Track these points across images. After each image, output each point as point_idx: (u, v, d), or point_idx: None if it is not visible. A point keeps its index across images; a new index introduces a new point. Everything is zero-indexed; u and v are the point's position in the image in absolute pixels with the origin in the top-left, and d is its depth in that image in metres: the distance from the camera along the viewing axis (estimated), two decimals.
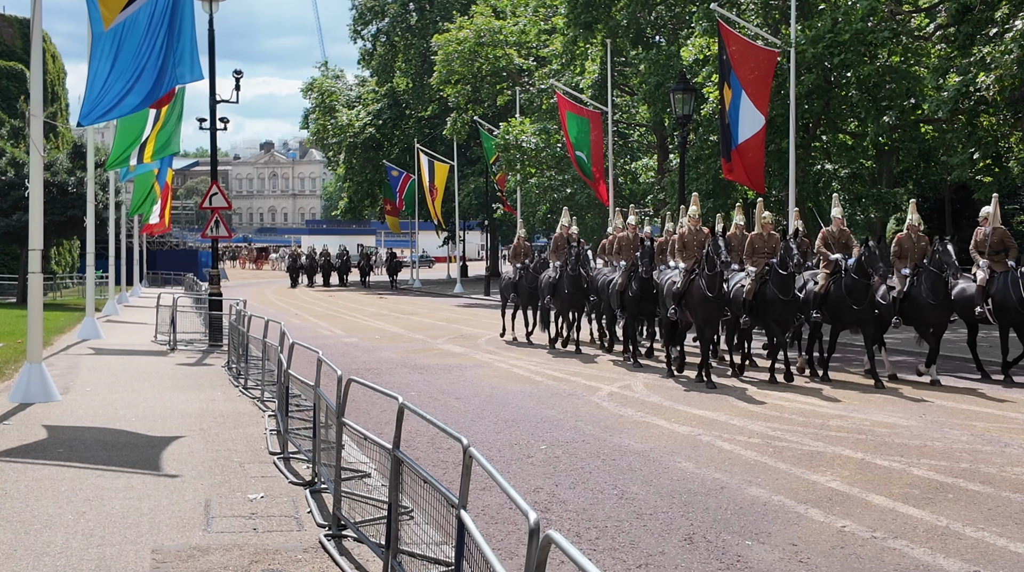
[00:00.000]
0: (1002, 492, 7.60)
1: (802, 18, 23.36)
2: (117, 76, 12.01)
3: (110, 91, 12.02)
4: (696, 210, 15.67)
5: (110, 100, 12.07)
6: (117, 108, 12.40)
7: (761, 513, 7.17)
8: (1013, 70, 18.17)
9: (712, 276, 13.92)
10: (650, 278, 15.77)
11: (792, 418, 11.13)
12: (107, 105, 12.09)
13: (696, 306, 14.29)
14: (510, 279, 20.90)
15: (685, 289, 14.49)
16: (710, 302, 14.08)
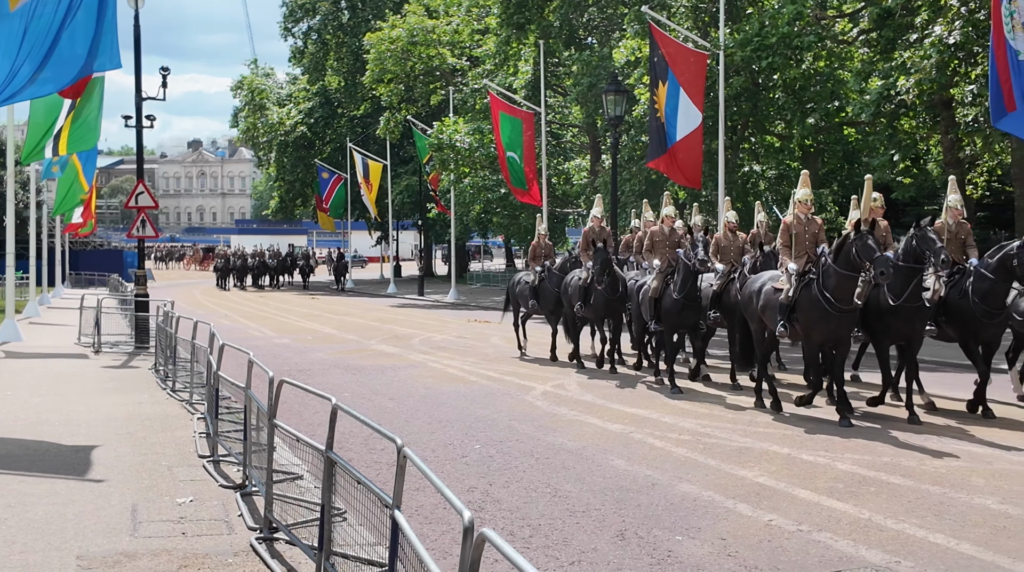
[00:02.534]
0: (922, 485, 7.85)
1: (730, 22, 23.77)
2: (24, 58, 11.64)
3: (18, 73, 11.65)
4: (671, 210, 14.41)
5: (19, 82, 11.69)
6: (26, 90, 12.02)
7: (691, 508, 7.29)
8: (932, 75, 18.76)
9: (685, 278, 13.06)
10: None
11: (721, 415, 11.32)
12: (15, 87, 11.71)
13: (666, 310, 13.35)
14: (526, 283, 17.70)
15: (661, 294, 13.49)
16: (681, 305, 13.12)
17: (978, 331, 11.06)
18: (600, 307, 15.17)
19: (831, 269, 10.51)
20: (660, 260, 13.74)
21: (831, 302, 10.49)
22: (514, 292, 18.30)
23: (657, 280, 13.63)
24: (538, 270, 17.41)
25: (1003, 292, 10.93)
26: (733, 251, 13.92)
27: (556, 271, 17.00)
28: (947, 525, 6.70)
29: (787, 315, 10.98)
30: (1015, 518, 6.84)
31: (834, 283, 10.50)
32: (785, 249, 11.46)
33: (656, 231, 14.30)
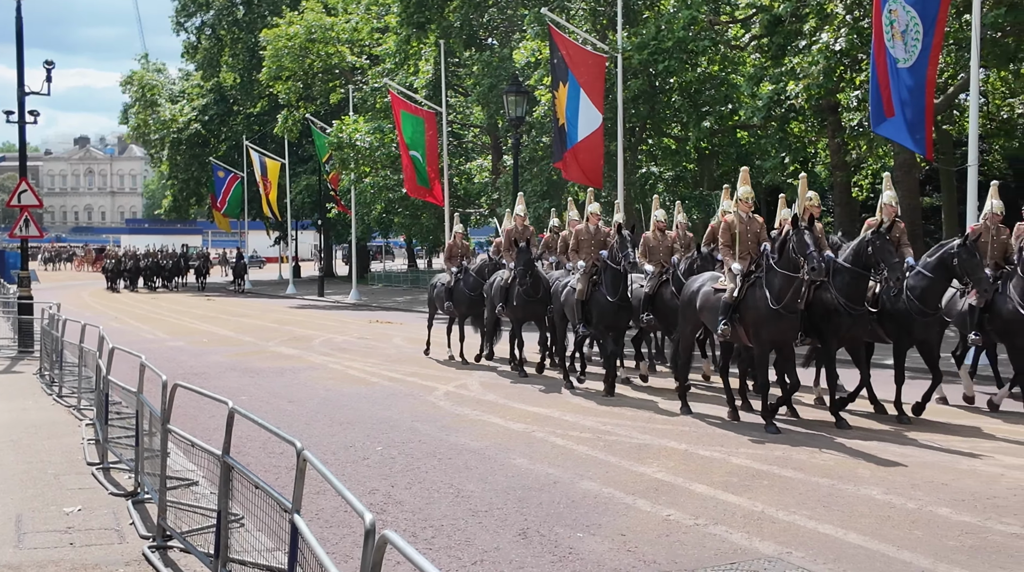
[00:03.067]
0: (811, 477, 8.11)
1: (628, 25, 24.14)
2: None
3: None
4: (596, 208, 13.88)
5: None
6: None
7: (592, 505, 7.38)
8: (819, 80, 19.40)
9: (616, 279, 12.54)
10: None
11: (622, 413, 11.49)
12: None
13: (601, 312, 12.76)
14: (443, 285, 17.16)
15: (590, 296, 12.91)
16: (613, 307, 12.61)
17: (912, 330, 10.81)
18: (521, 308, 14.65)
19: (775, 269, 10.15)
20: (585, 260, 13.18)
21: (777, 302, 10.10)
22: (431, 295, 18.05)
23: (582, 281, 13.03)
24: (454, 271, 16.92)
25: (940, 291, 10.75)
26: (662, 251, 13.46)
27: (473, 273, 16.53)
28: (835, 516, 6.94)
29: (730, 315, 10.57)
30: (898, 508, 7.14)
31: (778, 284, 10.11)
32: (727, 249, 11.08)
33: (581, 230, 13.69)
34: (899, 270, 10.00)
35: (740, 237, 10.95)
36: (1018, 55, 19.77)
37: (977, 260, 10.31)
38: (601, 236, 13.41)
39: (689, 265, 12.76)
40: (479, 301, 16.28)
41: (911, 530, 6.58)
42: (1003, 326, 10.85)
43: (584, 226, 13.71)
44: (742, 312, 10.51)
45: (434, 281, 18.26)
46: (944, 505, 7.15)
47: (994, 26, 17.56)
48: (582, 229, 13.68)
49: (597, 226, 13.64)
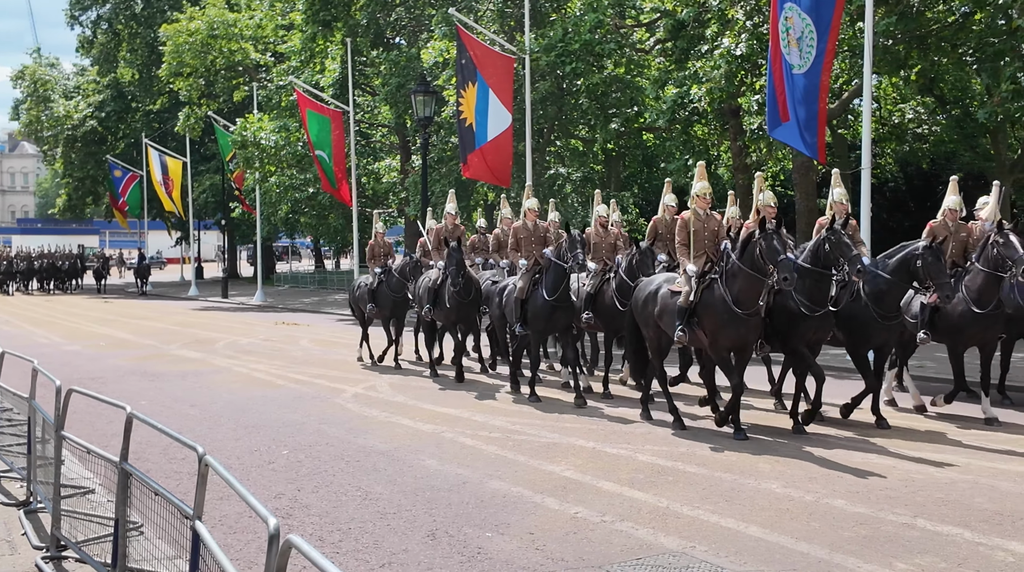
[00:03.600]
0: (714, 472, 8.30)
1: (535, 27, 24.30)
2: None
3: None
4: (535, 203, 13.31)
5: None
6: None
7: (501, 505, 7.41)
8: (721, 84, 19.84)
9: (557, 278, 11.94)
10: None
11: (531, 412, 11.56)
12: None
13: (536, 312, 12.18)
14: (365, 286, 16.67)
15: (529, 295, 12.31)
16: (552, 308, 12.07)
17: (871, 336, 10.35)
18: (452, 310, 14.04)
19: (737, 268, 9.56)
20: (526, 258, 12.64)
21: (737, 305, 9.55)
22: (354, 296, 17.41)
23: (523, 280, 12.42)
24: (377, 271, 16.33)
25: (900, 294, 10.33)
26: (605, 248, 12.92)
27: (396, 274, 15.97)
28: (737, 510, 7.12)
29: (687, 319, 9.98)
30: (797, 500, 7.35)
31: (739, 285, 9.56)
32: (683, 248, 10.46)
33: (520, 227, 13.13)
34: (858, 262, 9.57)
35: (696, 235, 10.39)
36: (908, 62, 20.58)
37: (942, 265, 9.88)
38: (540, 232, 12.98)
39: (629, 263, 12.16)
40: (403, 303, 15.96)
41: (808, 522, 6.79)
42: (949, 324, 10.55)
43: (522, 223, 13.17)
44: (700, 316, 9.90)
45: (356, 281, 17.73)
46: (840, 497, 7.39)
47: (886, 34, 18.23)
48: (520, 226, 13.15)
49: (535, 222, 13.16)
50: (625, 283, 11.97)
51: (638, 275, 11.65)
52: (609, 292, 12.40)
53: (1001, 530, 6.48)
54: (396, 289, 15.84)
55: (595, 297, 12.64)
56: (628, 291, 11.75)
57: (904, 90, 29.66)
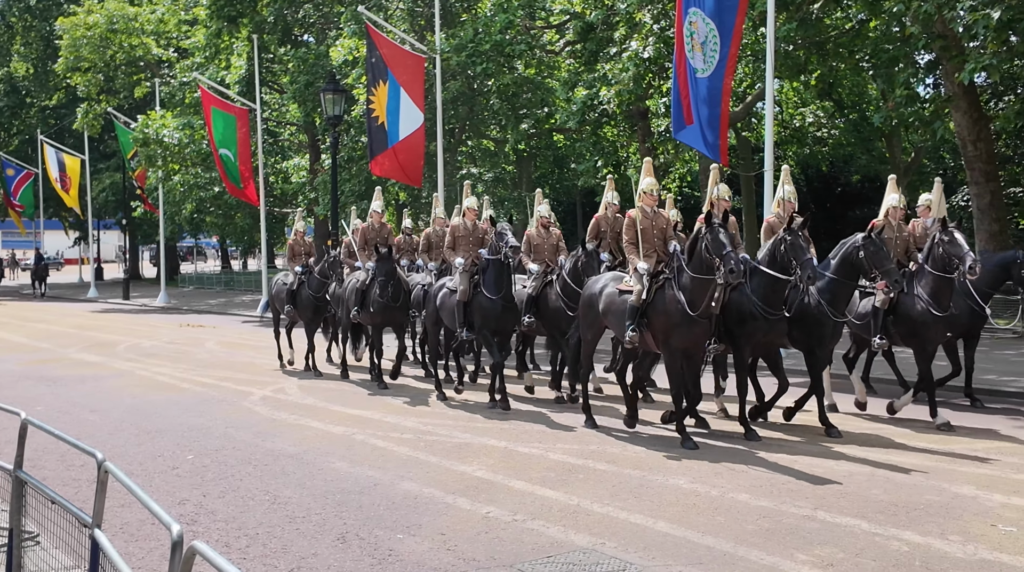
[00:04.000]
0: (624, 469, 8.41)
1: (446, 27, 24.27)
2: None
3: None
4: (475, 201, 12.87)
5: None
6: None
7: (412, 506, 7.38)
8: (630, 86, 20.13)
9: (500, 278, 11.50)
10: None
11: (444, 412, 11.53)
12: None
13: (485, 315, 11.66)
14: (284, 285, 15.88)
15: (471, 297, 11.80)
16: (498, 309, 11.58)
17: (824, 336, 9.99)
18: (379, 313, 13.51)
19: (686, 271, 9.18)
20: (464, 258, 12.06)
21: (692, 307, 9.11)
22: (271, 295, 16.63)
23: (463, 281, 11.89)
24: (297, 271, 15.54)
25: (849, 294, 10.08)
26: (547, 249, 12.42)
27: (317, 274, 15.09)
28: (645, 506, 7.23)
29: (637, 320, 9.54)
30: (703, 495, 7.51)
31: (690, 285, 9.15)
32: (632, 247, 10.01)
33: (457, 226, 12.54)
34: (810, 267, 9.20)
35: (645, 233, 10.00)
36: (808, 67, 21.22)
37: (885, 251, 9.59)
38: (479, 233, 12.33)
39: (574, 264, 11.63)
40: (323, 304, 15.28)
41: (714, 516, 6.94)
42: (911, 328, 10.23)
43: (461, 222, 12.58)
44: (650, 317, 9.49)
45: (276, 279, 16.87)
46: (743, 491, 7.57)
47: (787, 39, 18.75)
48: (459, 225, 12.56)
49: (475, 222, 12.50)
50: (569, 285, 11.52)
51: (583, 277, 11.21)
52: (552, 294, 11.88)
53: (896, 520, 6.73)
54: (317, 290, 15.16)
55: (537, 300, 12.08)
56: (573, 293, 11.35)
57: (804, 94, 30.65)
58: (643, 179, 10.32)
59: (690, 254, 9.21)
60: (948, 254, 9.99)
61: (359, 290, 13.93)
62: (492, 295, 11.54)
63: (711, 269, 8.92)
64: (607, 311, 10.10)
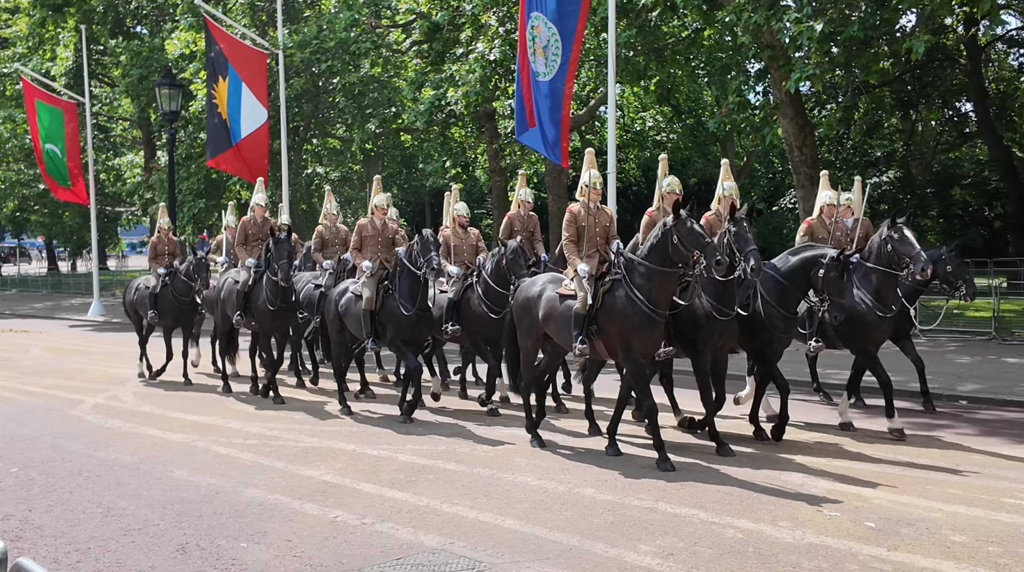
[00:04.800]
0: (473, 469, 8.46)
1: (288, 23, 23.78)
2: None
3: None
4: (386, 199, 11.90)
5: None
6: None
7: (257, 513, 7.19)
8: (476, 88, 20.28)
9: (414, 286, 10.66)
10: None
11: (290, 417, 11.29)
12: None
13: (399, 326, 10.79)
14: (146, 289, 14.50)
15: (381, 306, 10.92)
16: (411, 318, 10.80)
17: (773, 341, 9.42)
18: (266, 318, 12.33)
19: (645, 266, 8.39)
20: (371, 260, 11.18)
21: (650, 306, 8.33)
22: (131, 299, 15.08)
23: (370, 288, 10.95)
24: (160, 273, 14.19)
25: (797, 299, 9.39)
26: (466, 250, 11.71)
27: (183, 276, 13.88)
28: (494, 504, 7.29)
29: (586, 327, 8.71)
30: (551, 492, 7.64)
31: (653, 283, 8.35)
32: (572, 245, 9.28)
33: (364, 225, 11.50)
34: (756, 256, 8.65)
35: (587, 231, 9.28)
36: (648, 73, 21.92)
37: (843, 283, 8.99)
38: (389, 233, 11.49)
39: (496, 263, 10.82)
40: (190, 309, 14.11)
41: (561, 512, 7.07)
42: (853, 329, 9.75)
43: (368, 221, 11.56)
44: (602, 323, 8.65)
45: (135, 284, 15.30)
46: (589, 487, 7.75)
47: (627, 45, 19.32)
48: (366, 224, 11.50)
49: (383, 221, 11.58)
50: (493, 288, 10.74)
51: (509, 277, 10.48)
52: (474, 299, 11.03)
53: (731, 509, 7.03)
54: (182, 293, 13.96)
55: (458, 305, 11.22)
56: (498, 297, 10.67)
57: (645, 99, 31.65)
58: (586, 171, 9.60)
59: (649, 248, 8.42)
60: (898, 253, 9.58)
61: (242, 293, 12.59)
62: (407, 304, 10.64)
63: (675, 263, 8.24)
64: (548, 318, 9.15)
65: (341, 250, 13.17)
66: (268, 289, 12.17)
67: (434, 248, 10.41)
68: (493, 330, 10.84)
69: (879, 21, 16.31)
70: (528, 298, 9.48)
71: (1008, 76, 30.13)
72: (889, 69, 23.09)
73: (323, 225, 13.72)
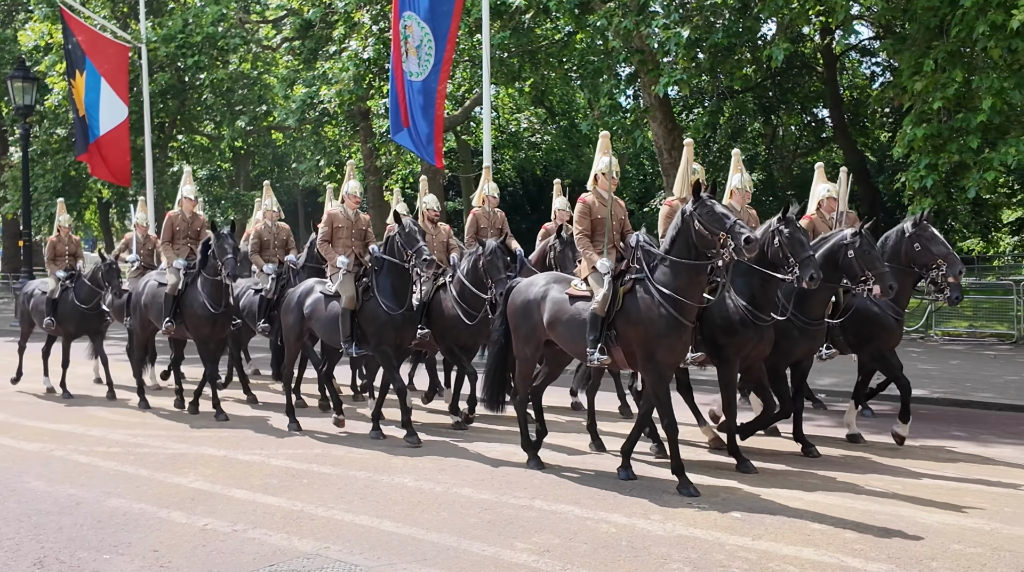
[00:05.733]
0: (349, 471, 8.36)
1: (152, 15, 23.00)
2: None
3: None
4: (357, 186, 10.74)
5: None
6: None
7: (122, 524, 6.92)
8: (350, 86, 20.07)
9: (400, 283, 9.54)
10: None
11: (156, 423, 10.92)
12: None
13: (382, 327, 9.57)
14: (43, 294, 13.17)
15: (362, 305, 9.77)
16: None
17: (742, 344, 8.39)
18: (205, 324, 11.07)
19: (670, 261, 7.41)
20: (347, 257, 9.98)
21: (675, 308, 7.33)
22: (25, 306, 13.69)
23: (348, 286, 9.75)
24: (60, 276, 12.88)
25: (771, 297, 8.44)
26: (437, 246, 11.03)
27: (87, 281, 12.64)
28: (371, 506, 7.23)
29: (603, 332, 7.67)
30: (427, 492, 7.62)
31: (680, 279, 7.35)
32: (586, 239, 8.35)
33: (336, 215, 10.35)
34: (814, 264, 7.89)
35: (603, 224, 8.36)
36: (522, 75, 22.14)
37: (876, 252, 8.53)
38: (362, 225, 10.48)
39: (473, 263, 10.00)
40: (95, 316, 12.81)
41: (438, 512, 7.06)
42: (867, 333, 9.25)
43: (341, 210, 10.41)
44: (621, 327, 7.63)
45: (28, 289, 14.01)
46: (467, 486, 7.77)
47: (501, 47, 19.45)
48: (338, 213, 10.36)
49: (357, 212, 10.49)
50: (468, 289, 10.00)
51: (487, 278, 9.74)
52: (448, 300, 10.28)
53: (605, 504, 7.17)
54: (86, 299, 12.60)
55: (429, 306, 10.50)
56: (474, 299, 9.97)
57: (519, 101, 31.94)
58: (601, 158, 8.65)
59: (671, 240, 7.45)
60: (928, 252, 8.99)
61: (170, 297, 11.26)
62: (391, 304, 9.47)
63: (702, 253, 7.28)
64: (555, 322, 8.10)
65: (282, 253, 12.24)
66: (206, 291, 10.91)
67: (421, 237, 9.36)
68: (468, 335, 10.20)
69: (741, 29, 16.94)
70: (528, 301, 8.39)
71: (861, 84, 31.73)
72: (752, 75, 24.00)
73: (262, 224, 12.57)
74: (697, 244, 7.27)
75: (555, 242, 10.45)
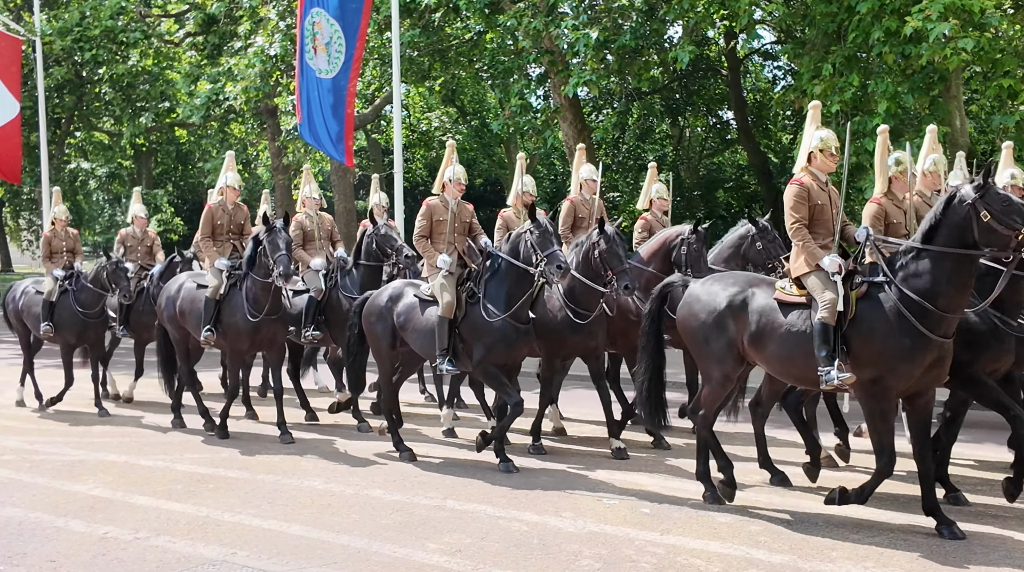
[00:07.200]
0: (256, 475, 8.20)
1: (47, 8, 22.21)
2: None
3: None
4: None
5: None
6: None
7: (16, 533, 6.65)
8: (256, 83, 19.71)
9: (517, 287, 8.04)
10: None
11: (52, 429, 10.54)
12: None
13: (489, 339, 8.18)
14: (38, 294, 11.79)
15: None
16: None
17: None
18: (245, 335, 9.73)
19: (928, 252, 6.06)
20: (450, 255, 8.73)
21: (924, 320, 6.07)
22: (16, 308, 12.17)
23: (450, 290, 8.39)
24: (57, 276, 11.51)
25: None
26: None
27: (89, 283, 11.24)
28: (279, 510, 7.10)
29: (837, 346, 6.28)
30: (338, 495, 7.53)
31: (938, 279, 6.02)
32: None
33: (435, 206, 9.12)
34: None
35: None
36: (432, 74, 22.06)
37: None
38: (466, 216, 9.29)
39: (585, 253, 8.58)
40: (98, 323, 11.45)
41: (349, 514, 6.99)
42: None
43: (440, 199, 9.15)
44: (855, 342, 6.33)
45: (18, 288, 12.42)
46: (378, 487, 7.70)
47: (411, 45, 19.35)
48: (437, 204, 9.08)
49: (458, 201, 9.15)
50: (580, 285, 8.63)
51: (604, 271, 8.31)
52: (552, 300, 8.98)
53: (517, 503, 7.19)
54: (88, 304, 11.28)
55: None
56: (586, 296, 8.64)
57: (430, 100, 31.82)
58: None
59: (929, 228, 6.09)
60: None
61: (211, 301, 9.76)
62: (498, 312, 8.05)
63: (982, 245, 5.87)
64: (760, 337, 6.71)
65: (328, 246, 11.02)
66: (251, 296, 9.48)
67: (556, 242, 7.88)
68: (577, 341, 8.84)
69: (648, 31, 17.20)
70: (714, 310, 6.87)
71: (764, 87, 32.52)
72: (659, 77, 24.35)
73: (303, 213, 11.14)
74: (980, 238, 5.85)
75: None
